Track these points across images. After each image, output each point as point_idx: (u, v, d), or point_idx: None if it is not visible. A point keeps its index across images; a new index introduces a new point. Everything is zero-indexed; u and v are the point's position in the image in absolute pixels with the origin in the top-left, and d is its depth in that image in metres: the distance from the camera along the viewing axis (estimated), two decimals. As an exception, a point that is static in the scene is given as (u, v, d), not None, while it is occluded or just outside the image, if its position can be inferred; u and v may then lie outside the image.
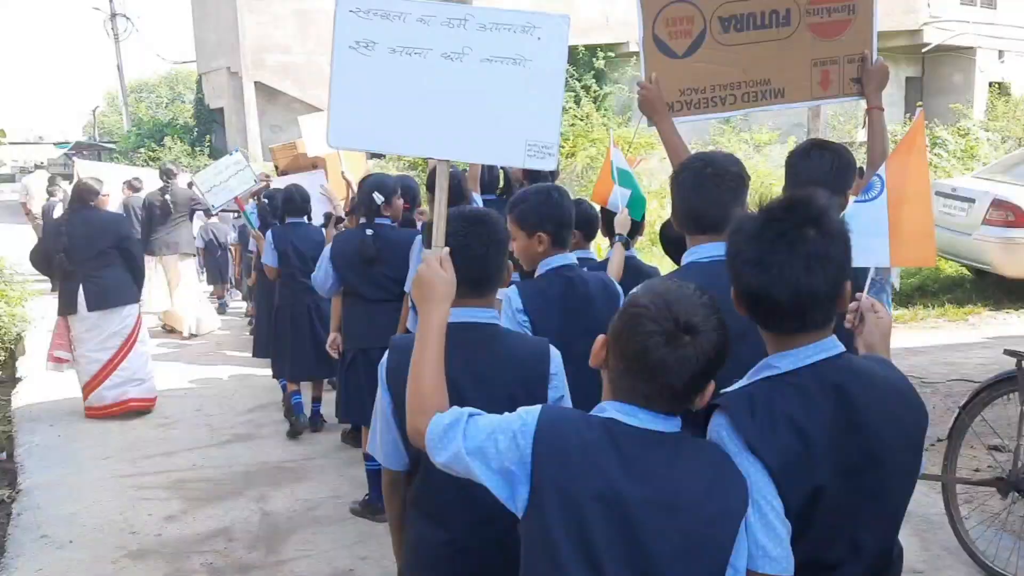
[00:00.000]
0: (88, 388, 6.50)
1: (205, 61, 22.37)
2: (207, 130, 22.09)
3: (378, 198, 4.58)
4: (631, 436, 1.57)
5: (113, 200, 12.85)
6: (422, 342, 1.83)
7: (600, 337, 1.65)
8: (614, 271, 3.48)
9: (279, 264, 6.01)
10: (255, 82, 19.29)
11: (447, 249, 1.93)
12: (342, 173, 6.70)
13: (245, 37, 19.04)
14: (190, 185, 10.79)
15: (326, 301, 5.23)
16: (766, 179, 13.21)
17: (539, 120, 2.01)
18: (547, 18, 1.99)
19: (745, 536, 1.56)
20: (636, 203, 4.02)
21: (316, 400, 6.23)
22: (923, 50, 19.70)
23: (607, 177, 4.18)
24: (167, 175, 9.78)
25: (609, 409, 1.61)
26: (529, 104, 2.00)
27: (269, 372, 6.61)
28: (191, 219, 10.29)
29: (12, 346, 8.49)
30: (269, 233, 6.18)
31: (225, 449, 5.84)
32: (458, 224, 2.06)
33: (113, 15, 27.26)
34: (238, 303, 11.51)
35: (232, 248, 11.24)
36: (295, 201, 6.08)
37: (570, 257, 2.87)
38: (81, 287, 6.36)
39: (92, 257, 6.36)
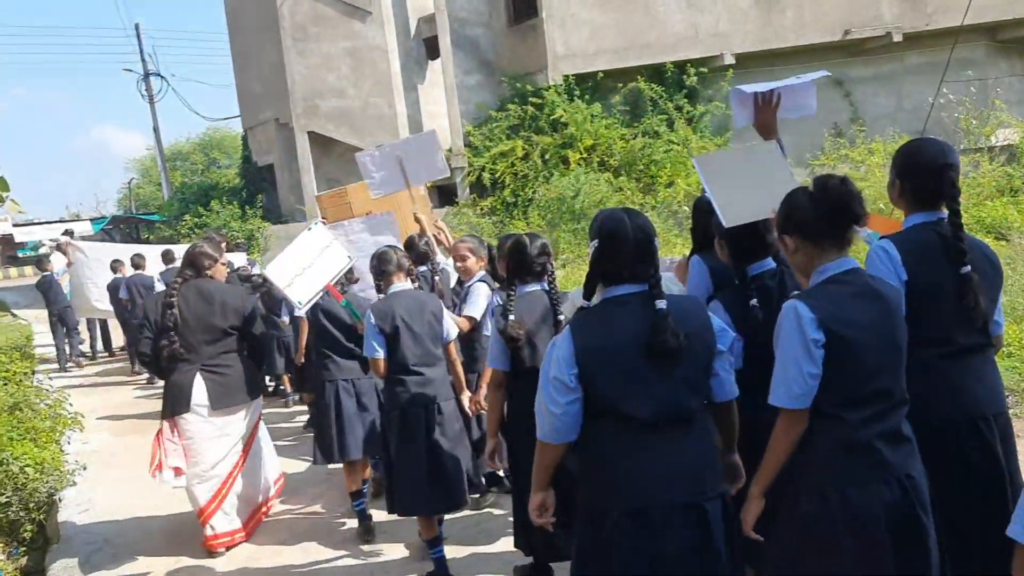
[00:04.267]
0: (206, 513, 4.88)
1: (251, 114, 20.59)
2: (257, 189, 20.17)
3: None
4: None
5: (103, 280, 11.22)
6: None
7: None
8: None
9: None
10: (308, 132, 17.43)
11: None
12: (414, 215, 5.75)
13: (294, 83, 17.21)
14: (248, 278, 8.95)
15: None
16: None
17: None
18: None
19: None
20: None
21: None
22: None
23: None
24: (165, 258, 8.23)
25: None
26: None
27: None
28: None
29: (42, 516, 5.68)
30: (368, 311, 4.26)
31: None
32: None
33: (146, 75, 25.94)
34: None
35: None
36: (390, 262, 4.41)
37: None
38: (199, 379, 4.70)
39: (211, 341, 4.80)
